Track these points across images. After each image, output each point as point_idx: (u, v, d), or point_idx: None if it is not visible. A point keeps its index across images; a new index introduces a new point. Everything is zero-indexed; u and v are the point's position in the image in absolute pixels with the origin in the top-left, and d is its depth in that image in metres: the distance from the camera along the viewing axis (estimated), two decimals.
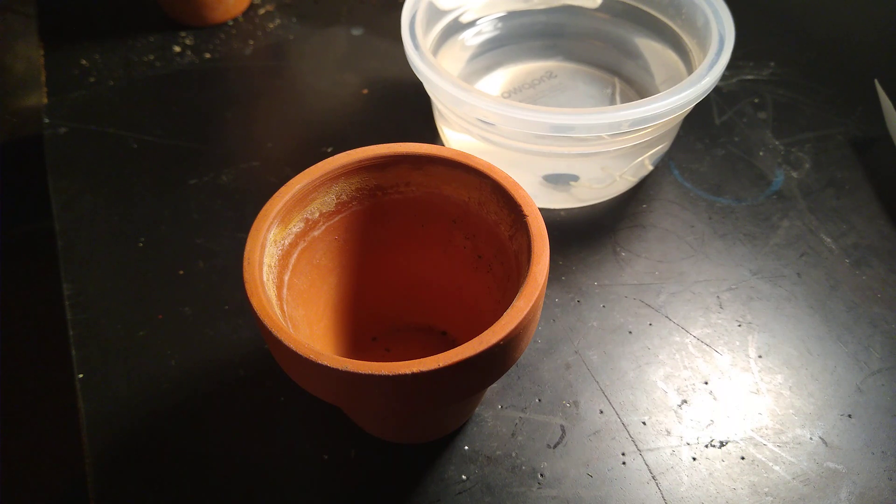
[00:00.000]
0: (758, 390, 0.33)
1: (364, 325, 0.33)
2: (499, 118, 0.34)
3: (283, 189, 0.27)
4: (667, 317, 0.36)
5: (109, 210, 0.41)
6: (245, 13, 0.56)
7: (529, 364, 0.34)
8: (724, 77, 0.49)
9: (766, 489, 0.30)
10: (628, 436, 0.32)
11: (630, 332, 0.35)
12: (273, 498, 0.30)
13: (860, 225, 0.40)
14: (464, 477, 0.30)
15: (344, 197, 0.29)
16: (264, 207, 0.26)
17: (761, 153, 0.44)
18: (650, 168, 0.41)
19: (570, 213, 0.41)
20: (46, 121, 0.47)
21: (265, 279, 0.25)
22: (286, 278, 0.27)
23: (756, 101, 0.48)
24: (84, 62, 0.52)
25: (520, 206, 0.26)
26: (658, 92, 0.34)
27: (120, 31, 0.54)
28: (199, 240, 0.39)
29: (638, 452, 0.31)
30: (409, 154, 0.28)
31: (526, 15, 0.46)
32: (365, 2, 0.57)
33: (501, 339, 0.22)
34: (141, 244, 0.39)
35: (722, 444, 0.31)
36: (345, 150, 0.28)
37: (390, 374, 0.21)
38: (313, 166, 0.28)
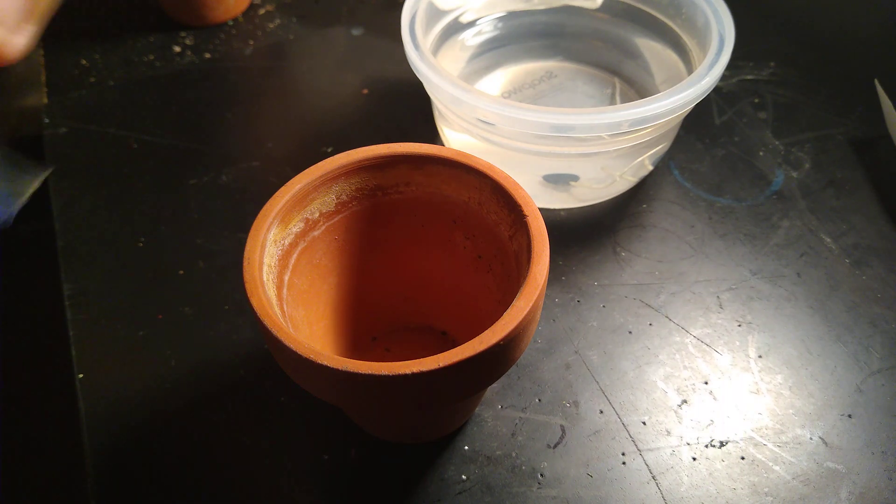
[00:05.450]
0: (758, 390, 0.33)
1: (364, 325, 0.33)
2: (499, 118, 0.34)
3: (283, 189, 0.27)
4: (667, 317, 0.36)
5: (109, 210, 0.41)
6: (245, 13, 0.56)
7: (529, 364, 0.34)
8: (724, 77, 0.49)
9: (766, 489, 0.30)
10: (628, 436, 0.32)
11: (630, 332, 0.35)
12: (273, 498, 0.30)
13: (860, 225, 0.40)
14: (464, 477, 0.30)
15: (344, 197, 0.29)
16: (264, 207, 0.26)
17: (761, 153, 0.44)
18: (650, 168, 0.41)
19: (570, 213, 0.41)
20: (46, 121, 0.47)
21: (265, 279, 0.25)
22: (286, 278, 0.27)
23: (756, 101, 0.48)
24: (84, 62, 0.52)
25: (520, 206, 0.26)
26: (658, 92, 0.34)
27: (120, 31, 0.54)
28: (199, 240, 0.39)
29: (638, 452, 0.31)
30: (409, 154, 0.28)
31: (526, 15, 0.46)
32: (365, 2, 0.57)
33: (501, 339, 0.22)
34: (141, 244, 0.39)
35: (722, 444, 0.31)
36: (345, 150, 0.28)
37: (390, 374, 0.21)
38: (313, 166, 0.28)
